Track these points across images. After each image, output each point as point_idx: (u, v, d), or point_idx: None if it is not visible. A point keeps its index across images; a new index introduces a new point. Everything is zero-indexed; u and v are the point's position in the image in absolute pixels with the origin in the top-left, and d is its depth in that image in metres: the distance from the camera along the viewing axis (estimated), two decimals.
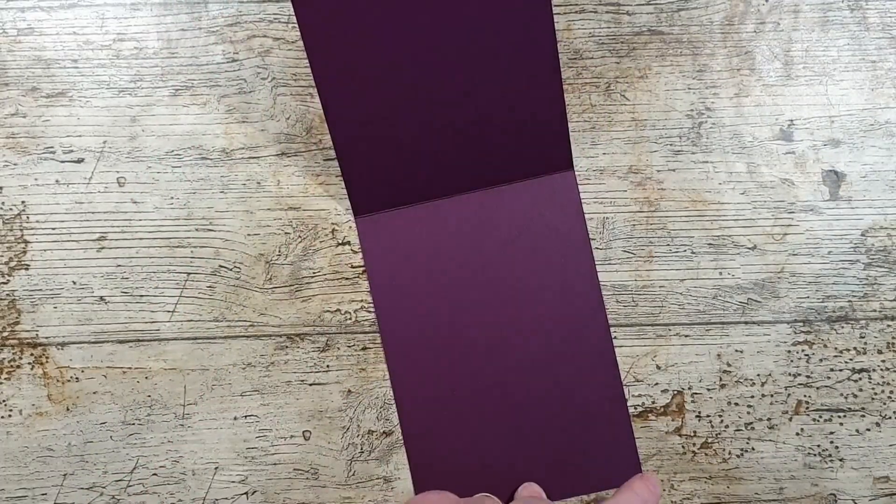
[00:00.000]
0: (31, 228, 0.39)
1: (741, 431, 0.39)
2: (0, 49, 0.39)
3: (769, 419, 0.39)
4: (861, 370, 0.39)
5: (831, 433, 0.39)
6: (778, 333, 0.39)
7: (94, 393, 0.39)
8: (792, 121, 0.40)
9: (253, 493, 0.39)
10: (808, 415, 0.39)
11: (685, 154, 0.40)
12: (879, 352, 0.39)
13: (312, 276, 0.39)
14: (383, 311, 0.38)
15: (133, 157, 0.40)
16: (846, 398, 0.39)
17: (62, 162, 0.39)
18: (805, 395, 0.39)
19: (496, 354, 0.38)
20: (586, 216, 0.39)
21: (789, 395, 0.39)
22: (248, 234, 0.40)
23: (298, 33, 0.39)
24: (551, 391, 0.38)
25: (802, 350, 0.39)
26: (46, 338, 0.39)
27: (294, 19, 0.40)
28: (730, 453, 0.39)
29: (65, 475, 0.39)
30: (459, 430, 0.38)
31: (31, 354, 0.39)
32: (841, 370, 0.39)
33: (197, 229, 0.40)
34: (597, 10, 0.40)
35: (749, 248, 0.40)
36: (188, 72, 0.40)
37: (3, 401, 0.39)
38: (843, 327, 0.39)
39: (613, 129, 0.40)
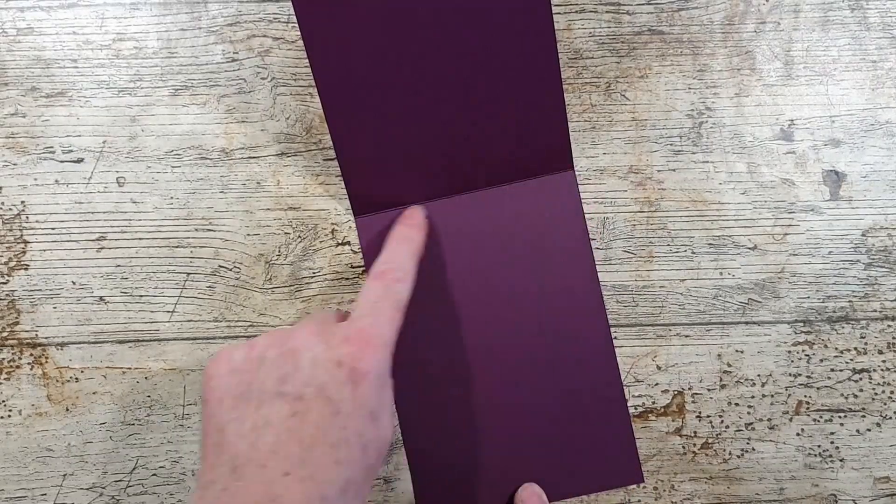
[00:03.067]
0: (31, 228, 0.39)
1: (741, 432, 0.39)
2: (0, 49, 0.39)
3: (769, 419, 0.39)
4: (861, 370, 0.39)
5: (832, 433, 0.39)
6: (778, 333, 0.39)
7: (94, 393, 0.39)
8: (792, 121, 0.40)
9: None
10: (808, 415, 0.39)
11: (685, 154, 0.40)
12: (880, 352, 0.39)
13: (312, 276, 0.39)
14: None
15: (133, 157, 0.40)
16: (846, 398, 0.39)
17: (62, 162, 0.39)
18: (805, 396, 0.39)
19: (496, 355, 0.38)
20: (586, 216, 0.39)
21: (790, 395, 0.39)
22: (248, 234, 0.39)
23: (298, 33, 0.39)
24: (551, 391, 0.38)
25: (803, 350, 0.39)
26: (46, 338, 0.39)
27: (294, 19, 0.40)
28: (730, 454, 0.39)
29: (65, 475, 0.39)
30: (459, 430, 0.38)
31: (31, 354, 0.39)
32: (841, 370, 0.39)
33: (197, 229, 0.39)
34: (597, 10, 0.40)
35: (749, 248, 0.40)
36: (188, 72, 0.40)
37: (3, 401, 0.39)
38: (843, 327, 0.39)
39: (613, 128, 0.40)
